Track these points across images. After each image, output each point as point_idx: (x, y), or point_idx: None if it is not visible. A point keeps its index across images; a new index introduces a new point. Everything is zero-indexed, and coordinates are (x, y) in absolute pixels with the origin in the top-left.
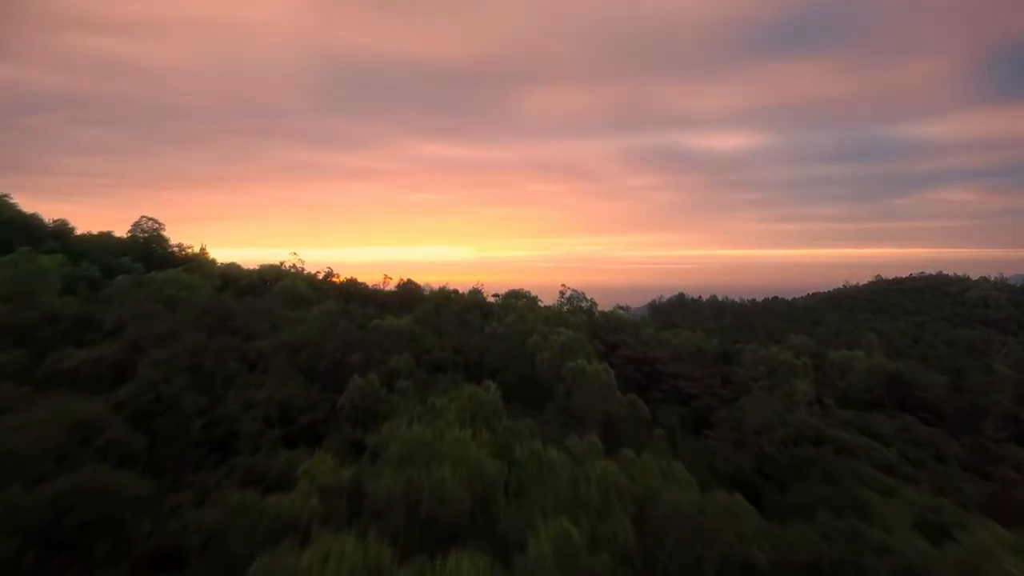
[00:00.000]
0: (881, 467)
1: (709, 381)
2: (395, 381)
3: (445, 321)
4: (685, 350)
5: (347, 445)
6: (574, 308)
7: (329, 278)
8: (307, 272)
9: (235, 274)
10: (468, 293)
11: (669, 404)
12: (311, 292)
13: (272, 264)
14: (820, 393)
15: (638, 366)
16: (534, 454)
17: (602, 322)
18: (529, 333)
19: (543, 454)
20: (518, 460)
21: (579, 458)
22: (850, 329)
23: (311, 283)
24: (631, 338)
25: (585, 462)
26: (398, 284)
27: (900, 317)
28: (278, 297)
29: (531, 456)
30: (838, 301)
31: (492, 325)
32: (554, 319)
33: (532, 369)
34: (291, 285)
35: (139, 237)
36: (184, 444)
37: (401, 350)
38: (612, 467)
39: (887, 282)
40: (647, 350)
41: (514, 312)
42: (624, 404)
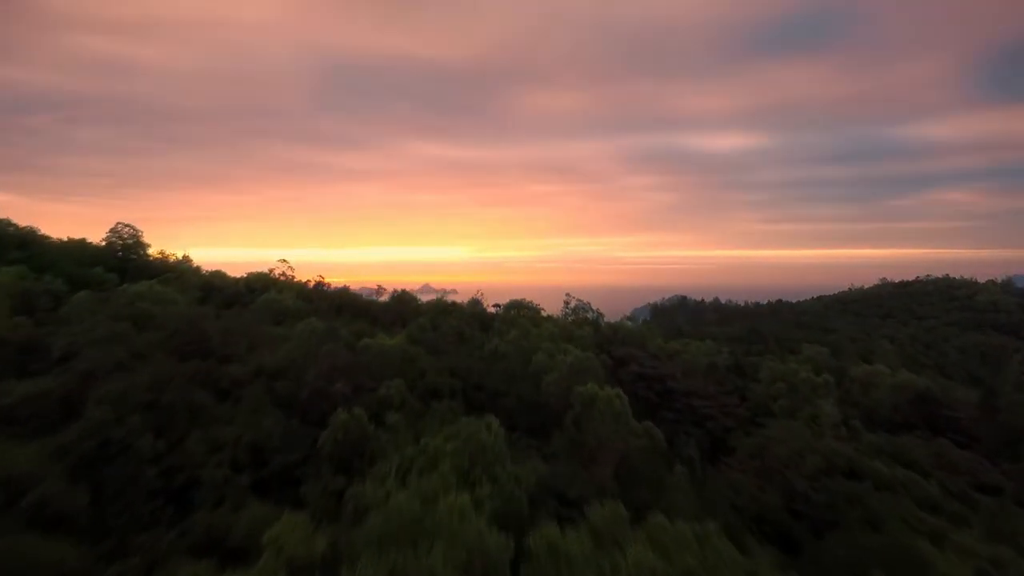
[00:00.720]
0: (925, 504)
1: (725, 400)
2: (385, 413)
3: (442, 337)
4: (697, 364)
5: (327, 495)
6: (579, 319)
7: (320, 287)
8: (297, 281)
9: (219, 283)
10: (467, 304)
11: (682, 425)
12: (299, 304)
13: (260, 272)
14: (844, 413)
15: (649, 383)
16: (550, 545)
17: (609, 335)
18: (533, 351)
19: (560, 541)
20: (530, 550)
21: (602, 534)
22: (863, 337)
23: (301, 293)
24: (641, 352)
25: (612, 547)
26: (392, 293)
27: (910, 322)
28: (262, 311)
29: (546, 548)
30: (844, 305)
31: (493, 342)
32: (559, 334)
33: (537, 393)
34: (276, 298)
35: (116, 245)
36: (135, 497)
37: (393, 374)
38: (645, 555)
39: (893, 285)
40: (658, 365)
41: (517, 327)
42: (639, 434)
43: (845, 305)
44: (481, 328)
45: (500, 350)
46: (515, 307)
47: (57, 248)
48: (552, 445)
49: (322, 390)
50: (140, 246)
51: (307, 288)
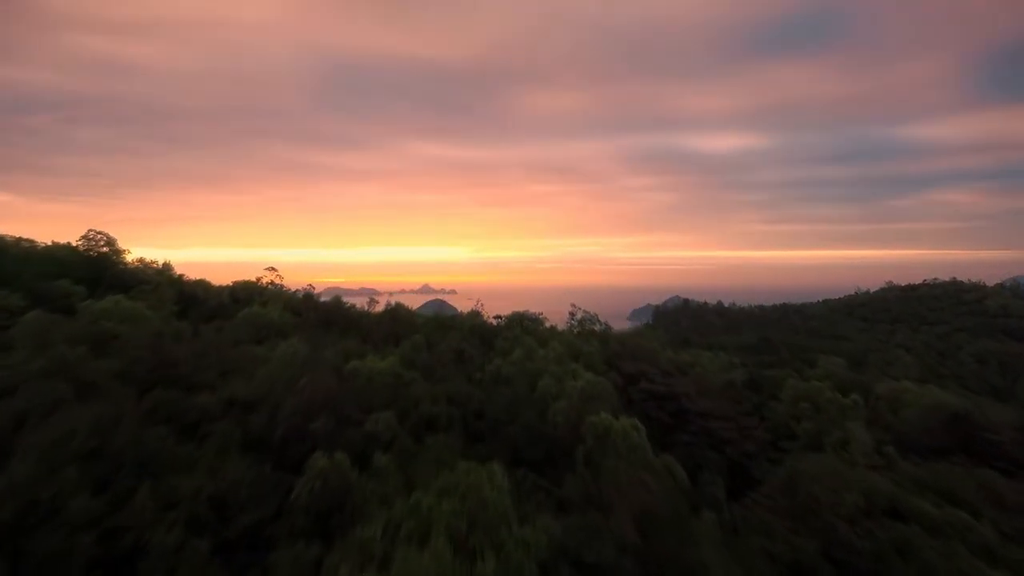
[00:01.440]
0: (980, 552)
1: (744, 422)
2: (372, 453)
3: (439, 355)
4: (712, 380)
5: (299, 567)
6: (586, 331)
7: (310, 297)
8: (286, 289)
9: (202, 294)
10: (467, 315)
11: (699, 449)
12: (286, 318)
13: (247, 281)
14: (874, 437)
15: (661, 403)
16: None
17: (618, 349)
18: (539, 374)
19: None
20: None
21: None
22: (879, 347)
23: (289, 303)
24: (652, 369)
25: None
26: (387, 305)
27: (920, 328)
28: (243, 327)
29: None
30: (851, 309)
31: (495, 363)
32: (566, 350)
33: (544, 422)
34: (260, 312)
35: (90, 253)
36: (65, 572)
37: (383, 404)
38: None
39: (901, 289)
40: (671, 383)
41: (521, 345)
42: (659, 470)
43: (852, 309)
44: (482, 342)
45: (503, 372)
46: (518, 320)
47: (24, 258)
48: (564, 488)
49: (299, 427)
50: (115, 254)
51: (296, 298)
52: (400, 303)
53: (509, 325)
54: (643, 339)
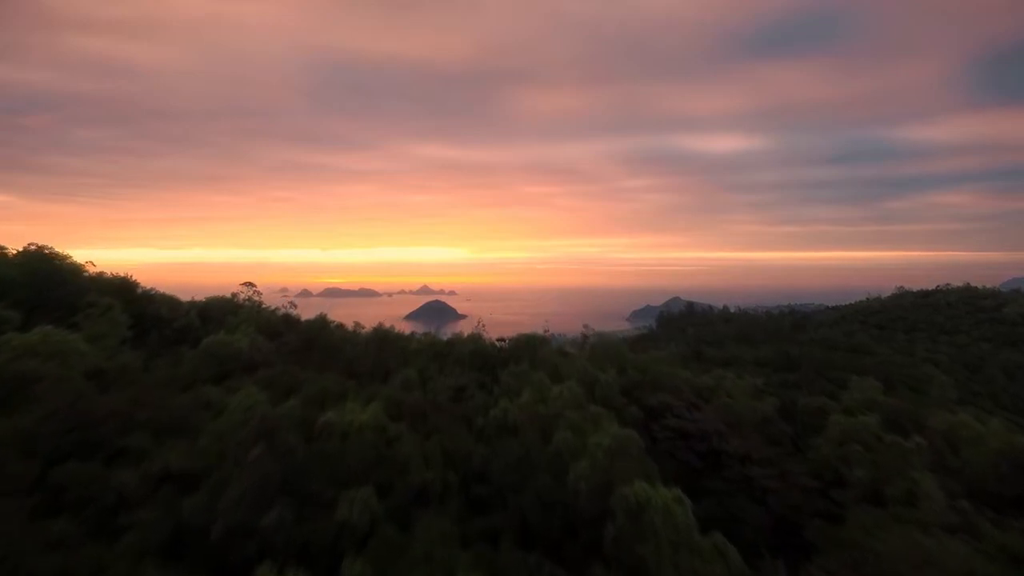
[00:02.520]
0: None
1: (787, 466)
2: (343, 550)
3: (434, 395)
4: (743, 411)
5: None
6: (599, 356)
7: (289, 318)
8: (264, 308)
9: (166, 314)
10: (467, 339)
11: (736, 499)
12: (259, 343)
13: (222, 297)
14: (942, 486)
15: (690, 442)
16: None
17: (638, 378)
18: (554, 421)
19: None
20: None
21: None
22: (904, 361)
23: (266, 326)
24: (677, 401)
25: None
26: (376, 329)
27: (939, 337)
28: (203, 360)
29: None
30: (864, 316)
31: (500, 405)
32: (580, 382)
33: (562, 488)
34: (226, 340)
35: (34, 269)
36: None
37: (361, 473)
38: None
39: (913, 295)
40: (699, 418)
41: (530, 383)
42: (708, 554)
43: (865, 317)
44: (483, 365)
45: (510, 419)
46: (526, 345)
47: None
48: None
49: (246, 522)
50: (63, 270)
51: (275, 317)
52: (392, 328)
53: (516, 352)
54: (663, 364)
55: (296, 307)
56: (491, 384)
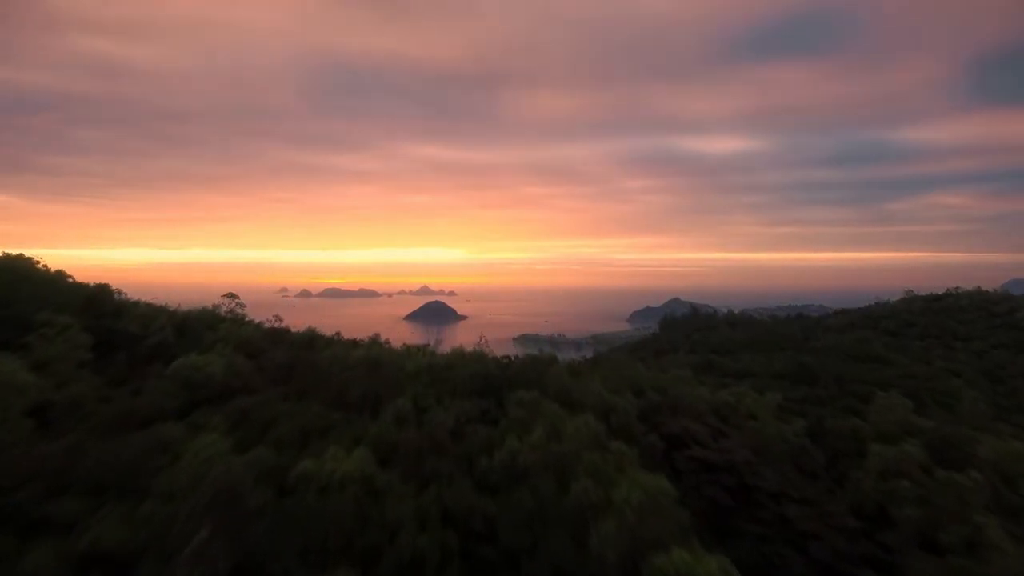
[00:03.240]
0: None
1: (827, 504)
2: None
3: (432, 431)
4: (772, 437)
5: None
6: (614, 376)
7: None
8: (249, 322)
9: (138, 330)
10: (469, 358)
11: (774, 545)
12: (238, 366)
13: (205, 309)
14: (1005, 529)
15: (717, 476)
16: None
17: (656, 400)
18: (571, 465)
19: None
20: None
21: None
22: (926, 372)
23: (247, 344)
24: (699, 425)
25: None
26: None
27: (954, 344)
28: (170, 389)
29: None
30: (874, 322)
31: (508, 444)
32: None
33: (584, 552)
34: (198, 363)
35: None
36: None
37: (342, 540)
38: None
39: (923, 299)
40: (726, 447)
41: (542, 416)
42: None
43: (875, 322)
44: (485, 389)
45: (519, 462)
46: (533, 366)
47: None
48: None
49: None
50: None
51: (259, 332)
52: (386, 344)
53: (522, 373)
54: (683, 383)
55: (282, 320)
56: (496, 412)
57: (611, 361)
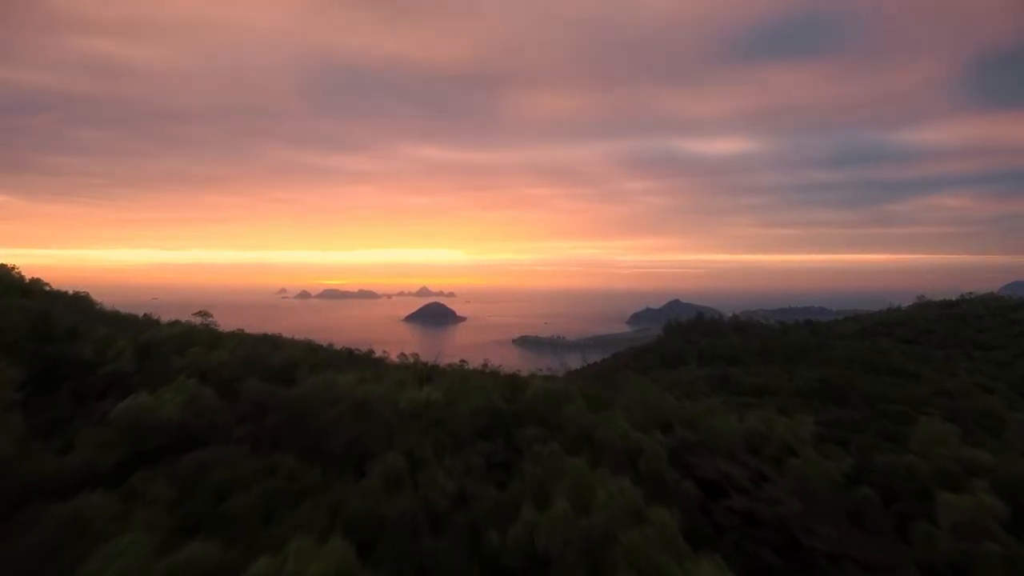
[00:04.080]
0: None
1: (898, 569)
2: None
3: (430, 495)
4: (818, 478)
5: None
6: (638, 409)
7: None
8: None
9: (93, 355)
10: (474, 383)
11: None
12: (202, 404)
13: (180, 324)
14: None
15: (763, 531)
16: None
17: (687, 438)
18: (603, 546)
19: None
20: None
21: None
22: (958, 388)
23: (219, 370)
24: (737, 468)
25: None
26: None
27: (974, 354)
28: (114, 440)
29: None
30: (888, 329)
31: (524, 517)
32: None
33: None
34: (150, 407)
35: None
36: None
37: None
38: None
39: (937, 305)
40: (770, 495)
41: (564, 476)
42: None
43: (888, 329)
44: (494, 434)
45: (538, 542)
46: (547, 401)
47: None
48: None
49: None
50: None
51: (237, 354)
52: (368, 401)
53: (534, 409)
54: (713, 414)
55: (263, 343)
56: (505, 454)
57: (633, 388)
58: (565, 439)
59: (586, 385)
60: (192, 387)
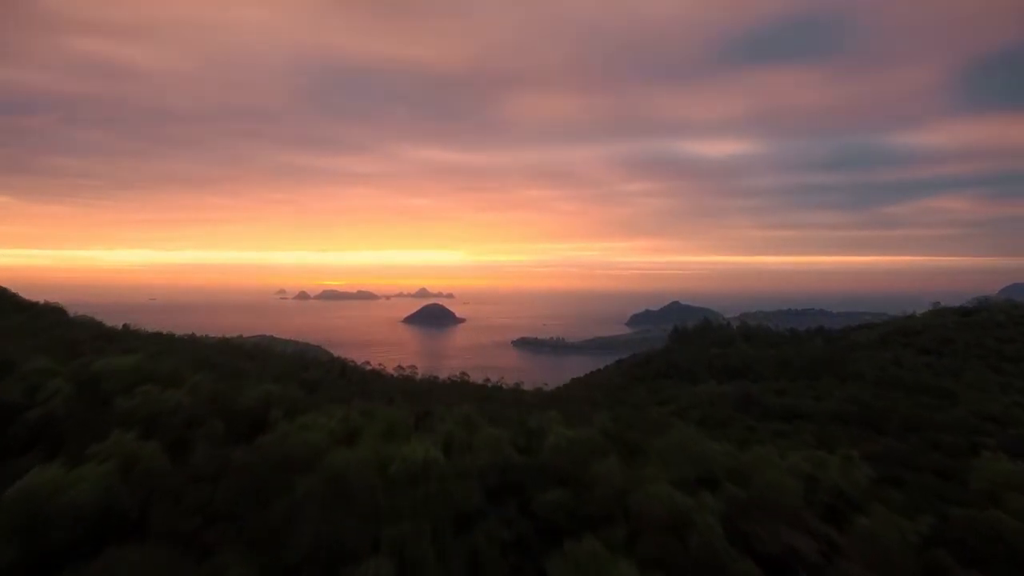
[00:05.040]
0: None
1: None
2: None
3: None
4: (895, 548)
5: None
6: (677, 457)
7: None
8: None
9: (17, 399)
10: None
11: None
12: (143, 472)
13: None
14: None
15: None
16: None
17: (740, 498)
18: None
19: None
20: None
21: None
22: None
23: (169, 418)
24: (803, 537)
25: None
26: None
27: (1001, 366)
28: None
29: None
30: (907, 338)
31: None
32: (671, 532)
33: None
34: (56, 483)
35: None
36: None
37: None
38: None
39: (954, 312)
40: (844, 571)
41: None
42: None
43: (906, 338)
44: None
45: None
46: (573, 451)
47: None
48: None
49: None
50: None
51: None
52: (351, 469)
53: (556, 462)
54: (767, 464)
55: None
56: (524, 534)
57: (669, 433)
58: (594, 505)
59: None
60: (128, 446)
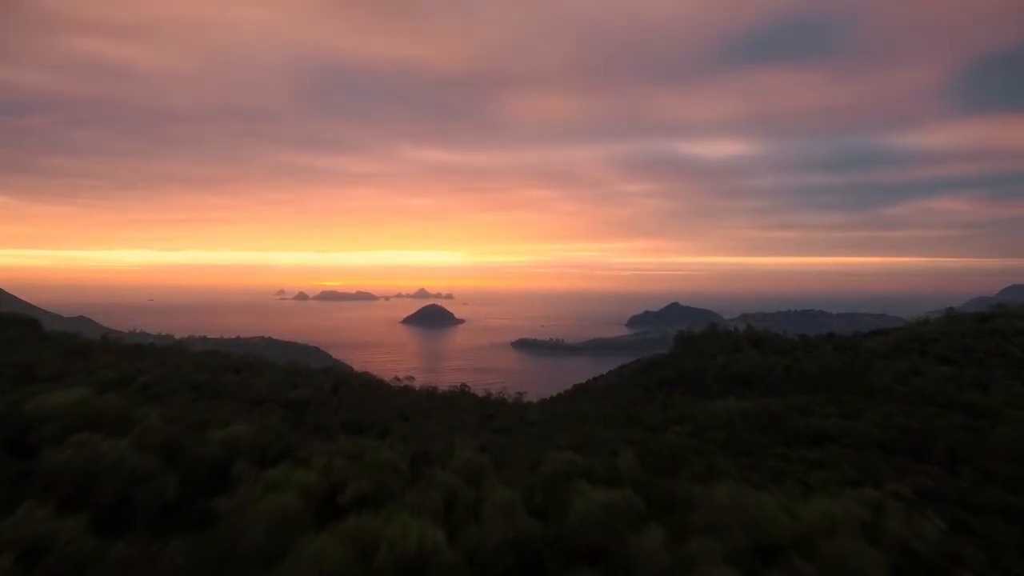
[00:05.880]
0: None
1: None
2: None
3: None
4: None
5: None
6: (729, 521)
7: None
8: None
9: None
10: (496, 510)
11: None
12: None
13: (79, 390)
14: None
15: None
16: None
17: (807, 574)
18: None
19: None
20: None
21: None
22: None
23: (102, 482)
24: None
25: None
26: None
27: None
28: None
29: None
30: (923, 346)
31: None
32: None
33: None
34: None
35: None
36: None
37: None
38: None
39: (970, 318)
40: None
41: None
42: None
43: (923, 346)
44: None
45: None
46: (607, 523)
47: None
48: None
49: None
50: None
51: (149, 441)
52: (321, 562)
53: (585, 535)
54: (836, 529)
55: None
56: None
57: (715, 486)
58: None
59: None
60: (40, 525)
